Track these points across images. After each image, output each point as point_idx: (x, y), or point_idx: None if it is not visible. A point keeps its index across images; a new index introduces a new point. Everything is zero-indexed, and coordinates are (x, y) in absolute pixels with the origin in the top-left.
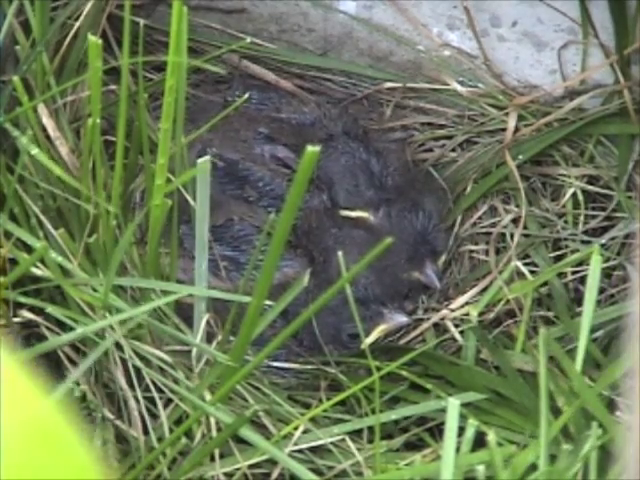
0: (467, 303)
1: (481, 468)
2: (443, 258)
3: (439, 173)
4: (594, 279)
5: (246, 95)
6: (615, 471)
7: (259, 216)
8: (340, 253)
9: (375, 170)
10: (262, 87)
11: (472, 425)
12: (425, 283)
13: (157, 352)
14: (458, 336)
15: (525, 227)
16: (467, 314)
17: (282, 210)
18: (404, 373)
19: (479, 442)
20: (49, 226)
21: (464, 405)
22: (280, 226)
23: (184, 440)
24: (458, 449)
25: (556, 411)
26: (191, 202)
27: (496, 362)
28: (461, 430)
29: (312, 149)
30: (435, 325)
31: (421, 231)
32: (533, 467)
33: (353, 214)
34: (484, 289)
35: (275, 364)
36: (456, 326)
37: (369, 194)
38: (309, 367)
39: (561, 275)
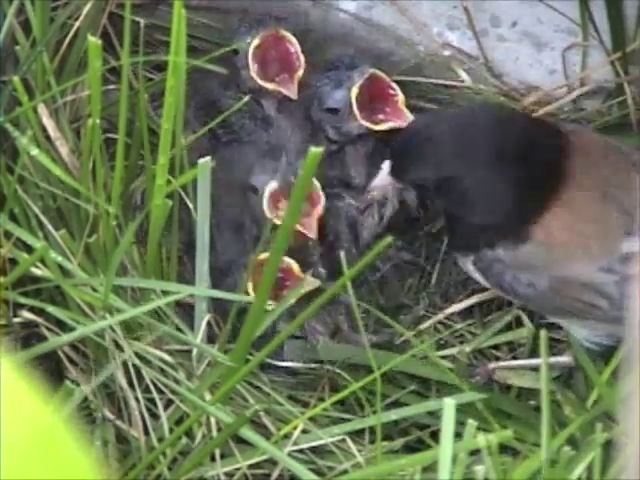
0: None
1: (480, 469)
2: None
3: None
4: None
5: (246, 97)
6: (615, 470)
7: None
8: (342, 253)
9: None
10: None
11: (471, 425)
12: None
13: (157, 352)
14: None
15: None
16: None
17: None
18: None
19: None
20: (49, 226)
21: (464, 405)
22: (283, 227)
23: (184, 440)
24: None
25: (557, 408)
26: (189, 204)
27: None
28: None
29: (316, 150)
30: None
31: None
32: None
33: None
34: (484, 290)
35: (275, 363)
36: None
37: None
38: (311, 366)
39: None
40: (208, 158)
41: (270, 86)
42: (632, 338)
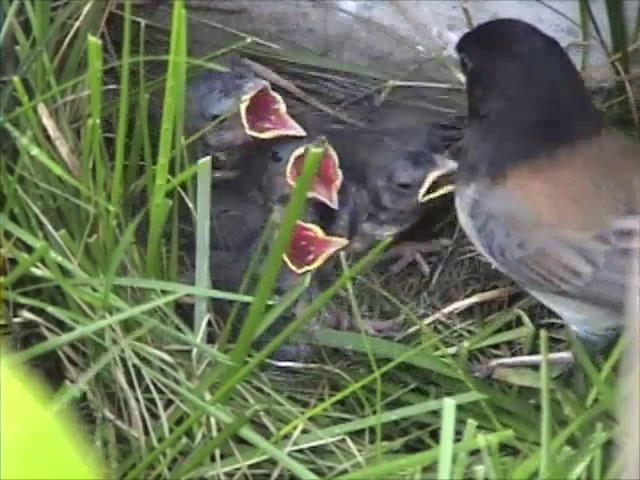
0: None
1: (480, 469)
2: None
3: None
4: None
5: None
6: (615, 470)
7: None
8: (342, 254)
9: None
10: None
11: (471, 425)
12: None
13: (157, 352)
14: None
15: None
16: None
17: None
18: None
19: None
20: (49, 226)
21: (464, 406)
22: (283, 227)
23: (184, 440)
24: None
25: (557, 407)
26: (189, 204)
27: None
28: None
29: (315, 151)
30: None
31: None
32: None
33: None
34: (484, 290)
35: (275, 363)
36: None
37: None
38: (310, 366)
39: None
40: (208, 158)
41: (269, 135)
42: (632, 327)
